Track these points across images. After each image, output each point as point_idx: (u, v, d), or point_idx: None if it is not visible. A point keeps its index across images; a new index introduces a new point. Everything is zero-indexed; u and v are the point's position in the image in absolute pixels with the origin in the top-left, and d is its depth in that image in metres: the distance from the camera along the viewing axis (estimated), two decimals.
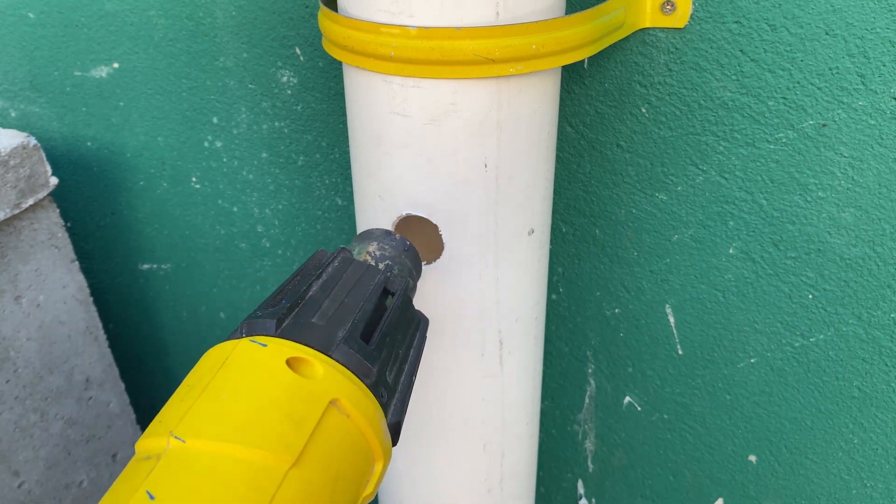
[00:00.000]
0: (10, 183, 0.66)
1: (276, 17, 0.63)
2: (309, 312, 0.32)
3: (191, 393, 0.28)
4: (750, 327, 0.58)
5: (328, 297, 0.33)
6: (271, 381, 0.28)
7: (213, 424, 0.26)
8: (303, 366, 0.29)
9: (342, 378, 0.30)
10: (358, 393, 0.30)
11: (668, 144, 0.54)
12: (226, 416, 0.26)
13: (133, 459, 0.26)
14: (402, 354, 0.35)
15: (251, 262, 0.80)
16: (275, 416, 0.27)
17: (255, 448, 0.25)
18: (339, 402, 0.29)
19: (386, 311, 0.35)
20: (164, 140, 0.75)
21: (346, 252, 0.37)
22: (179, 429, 0.26)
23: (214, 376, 0.28)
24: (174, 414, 0.27)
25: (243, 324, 0.31)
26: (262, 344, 0.29)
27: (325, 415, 0.28)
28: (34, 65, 0.76)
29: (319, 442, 0.27)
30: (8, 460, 0.71)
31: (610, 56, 0.53)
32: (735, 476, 0.65)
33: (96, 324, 0.81)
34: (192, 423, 0.26)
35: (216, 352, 0.30)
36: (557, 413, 0.74)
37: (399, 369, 0.34)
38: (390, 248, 0.39)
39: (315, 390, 0.28)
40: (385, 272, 0.36)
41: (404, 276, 0.38)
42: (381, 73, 0.40)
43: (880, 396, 0.54)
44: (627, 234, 0.59)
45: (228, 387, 0.28)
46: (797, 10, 0.45)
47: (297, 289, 0.33)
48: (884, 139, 0.46)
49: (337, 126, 0.67)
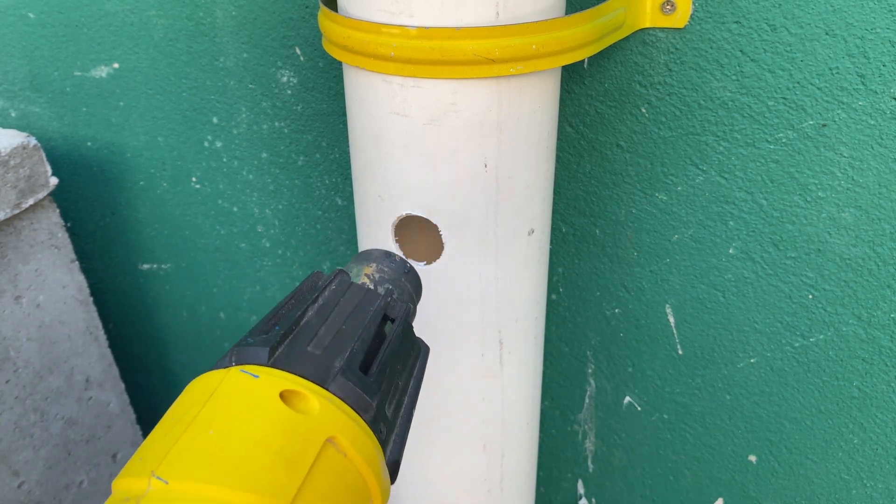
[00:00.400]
0: (10, 183, 0.66)
1: (276, 17, 0.63)
2: (304, 340, 0.30)
3: (175, 428, 0.25)
4: (750, 327, 0.58)
5: (325, 324, 0.31)
6: (263, 417, 0.26)
7: (198, 464, 0.24)
8: (297, 399, 0.27)
9: (340, 414, 0.27)
10: (356, 430, 0.28)
11: (668, 144, 0.54)
12: (213, 454, 0.24)
13: (110, 500, 0.24)
14: (402, 386, 0.33)
15: (251, 262, 0.80)
16: (267, 456, 0.25)
17: (246, 491, 0.23)
18: (336, 440, 0.27)
19: (386, 339, 0.33)
20: (164, 140, 0.75)
21: (343, 274, 0.35)
22: (162, 468, 0.24)
23: (201, 410, 0.26)
24: (156, 451, 0.25)
25: (233, 351, 0.29)
26: (253, 375, 0.27)
27: (321, 454, 0.26)
28: (34, 65, 0.76)
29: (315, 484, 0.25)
30: (8, 460, 0.71)
31: (610, 56, 0.53)
32: (735, 476, 0.65)
33: (96, 324, 0.81)
34: (176, 463, 0.24)
35: (203, 382, 0.28)
36: (557, 413, 0.74)
37: (399, 402, 0.32)
38: (390, 270, 0.37)
39: (311, 427, 0.26)
40: (385, 297, 0.34)
41: (405, 301, 0.36)
42: (381, 73, 0.40)
43: (880, 396, 0.54)
44: (627, 234, 0.59)
45: (216, 422, 0.25)
46: (797, 10, 0.45)
47: (292, 314, 0.31)
48: (884, 139, 0.46)
49: (337, 126, 0.67)
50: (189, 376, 0.96)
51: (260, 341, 0.29)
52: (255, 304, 0.84)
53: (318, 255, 0.76)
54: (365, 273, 0.37)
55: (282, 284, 0.81)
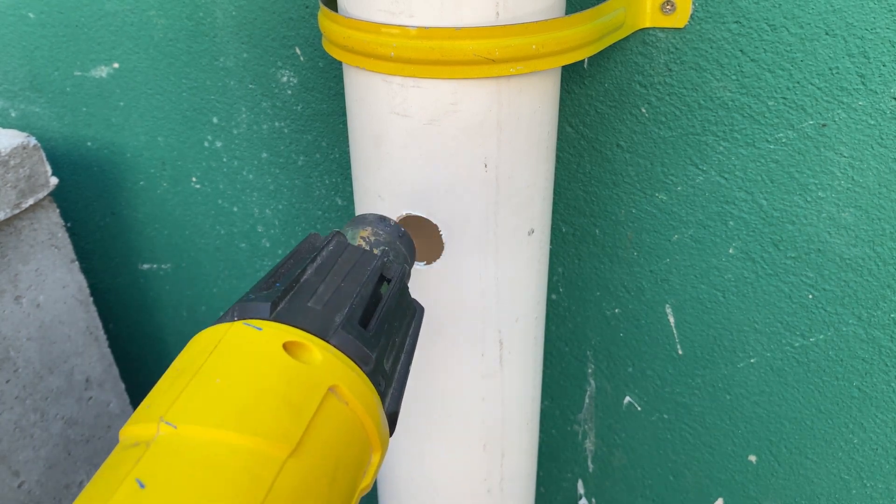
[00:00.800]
0: (10, 183, 0.66)
1: (276, 17, 0.63)
2: (304, 296, 0.31)
3: (181, 377, 0.26)
4: (750, 327, 0.58)
5: (323, 282, 0.32)
6: (268, 366, 0.27)
7: (206, 409, 0.24)
8: (300, 350, 0.28)
9: (341, 364, 0.28)
10: (357, 380, 0.29)
11: (668, 144, 0.54)
12: (220, 401, 0.25)
13: (118, 447, 0.24)
14: (399, 342, 0.34)
15: (251, 262, 0.80)
16: (272, 403, 0.25)
17: (253, 435, 0.24)
18: (337, 389, 0.28)
19: (382, 298, 0.34)
20: (164, 140, 0.75)
21: (340, 236, 0.36)
22: (170, 414, 0.24)
23: (206, 360, 0.26)
24: (164, 399, 0.25)
25: (235, 306, 0.29)
26: (256, 327, 0.28)
27: (323, 402, 0.27)
28: (34, 65, 0.76)
29: (318, 430, 0.26)
30: (8, 460, 0.71)
31: (610, 56, 0.53)
32: (735, 476, 0.65)
33: (96, 324, 0.81)
34: (185, 408, 0.24)
35: (207, 335, 0.28)
36: (557, 413, 0.74)
37: (396, 358, 0.33)
38: (385, 233, 0.38)
39: (313, 376, 0.27)
40: (381, 258, 0.35)
41: (400, 263, 0.37)
42: (380, 73, 0.40)
43: (880, 396, 0.54)
44: (627, 234, 0.59)
45: (222, 371, 0.26)
46: (797, 10, 0.45)
47: (291, 272, 0.32)
48: (884, 139, 0.46)
49: (337, 126, 0.67)
50: None
51: (262, 297, 0.30)
52: None
53: None
54: (361, 236, 0.38)
55: None
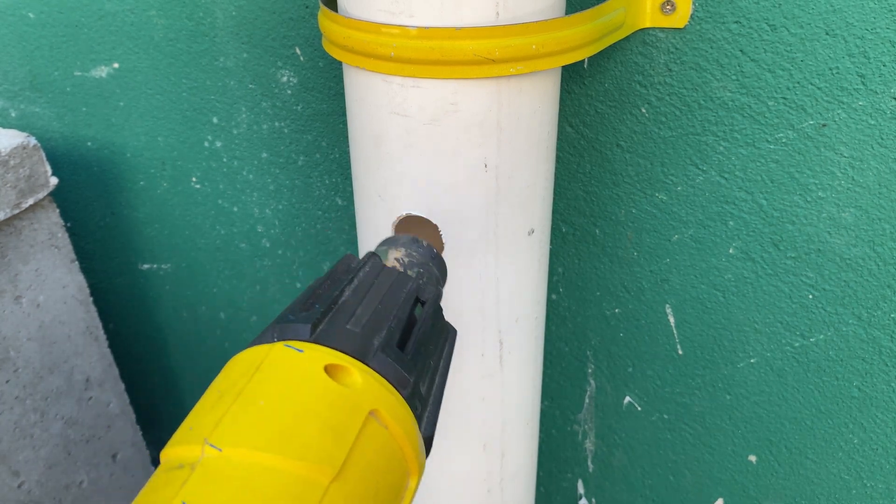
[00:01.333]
0: (10, 183, 0.66)
1: (276, 17, 0.63)
2: (343, 318, 0.31)
3: (223, 398, 0.26)
4: (750, 327, 0.58)
5: (361, 304, 0.32)
6: (310, 389, 0.27)
7: (251, 432, 0.24)
8: (341, 373, 0.28)
9: (381, 388, 0.28)
10: (395, 404, 0.29)
11: (668, 144, 0.54)
12: (264, 423, 0.25)
13: (161, 468, 0.25)
14: (434, 365, 0.34)
15: (251, 262, 0.80)
16: (315, 426, 0.25)
17: (297, 459, 0.24)
18: (378, 413, 0.28)
19: (418, 321, 0.34)
20: (164, 140, 0.75)
21: (375, 258, 0.36)
22: (215, 436, 0.24)
23: (249, 381, 0.26)
24: (207, 420, 0.25)
25: (274, 327, 0.30)
26: (297, 349, 0.28)
27: (364, 426, 0.27)
28: (34, 65, 0.76)
29: (360, 454, 0.26)
30: (8, 460, 0.71)
31: (610, 56, 0.53)
32: (735, 476, 0.65)
33: (96, 324, 0.81)
34: (229, 431, 0.24)
35: (248, 356, 0.28)
36: (557, 413, 0.74)
37: (431, 380, 0.33)
38: (418, 255, 0.38)
39: (355, 399, 0.27)
40: (416, 279, 0.35)
41: (434, 285, 0.37)
42: (380, 73, 0.40)
43: (880, 396, 0.54)
44: (627, 234, 0.59)
45: (265, 393, 0.26)
46: (797, 10, 0.45)
47: (329, 293, 0.32)
48: (884, 139, 0.46)
49: (337, 126, 0.67)
50: (189, 376, 0.96)
51: (302, 318, 0.30)
52: (255, 304, 0.84)
53: (319, 255, 0.76)
54: (395, 257, 0.38)
55: (282, 284, 0.81)
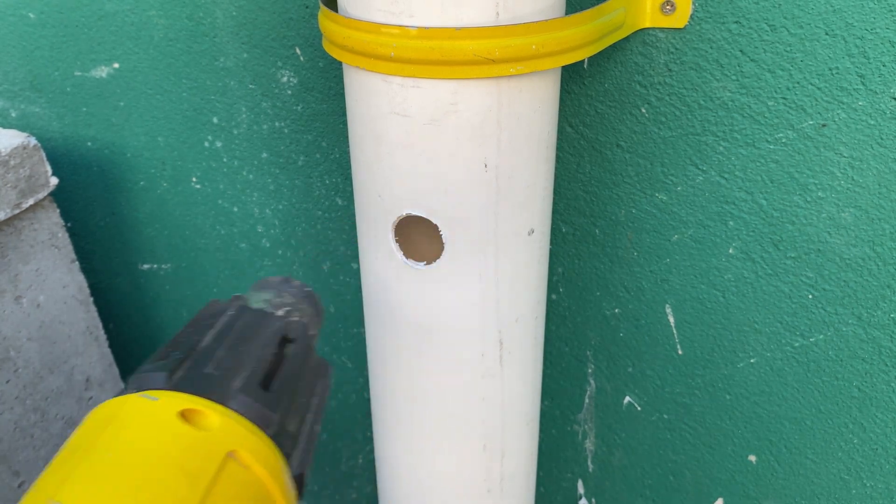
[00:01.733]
0: (11, 183, 0.66)
1: (276, 17, 0.63)
2: (202, 363, 0.30)
3: (74, 454, 0.25)
4: (750, 327, 0.58)
5: (222, 346, 0.32)
6: (163, 435, 0.26)
7: (98, 487, 0.24)
8: (197, 417, 0.28)
9: (240, 428, 0.28)
10: (258, 443, 0.28)
11: (668, 144, 0.54)
12: (113, 476, 0.24)
13: None
14: (305, 403, 0.34)
15: (251, 262, 0.80)
16: (168, 472, 0.25)
17: None
18: (237, 454, 0.27)
19: (285, 359, 0.33)
20: (164, 140, 0.75)
21: (240, 299, 0.36)
22: (61, 494, 0.23)
23: (100, 434, 0.26)
24: (55, 479, 0.24)
25: (132, 379, 0.29)
26: (152, 398, 0.28)
27: (222, 467, 0.26)
28: (34, 65, 0.76)
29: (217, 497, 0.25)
30: (8, 460, 0.71)
31: (610, 56, 0.53)
32: (735, 476, 0.65)
33: (96, 324, 0.81)
34: (75, 488, 0.24)
35: (102, 409, 0.28)
36: (557, 413, 0.74)
37: (301, 418, 0.33)
38: (289, 294, 0.38)
39: (211, 442, 0.27)
40: (283, 318, 0.35)
41: (304, 323, 0.37)
42: (380, 73, 0.40)
43: (880, 396, 0.54)
44: (627, 234, 0.59)
45: (116, 444, 0.26)
46: (797, 10, 0.45)
47: (189, 340, 0.32)
48: (884, 139, 0.46)
49: (337, 126, 0.67)
50: None
51: (158, 367, 0.30)
52: None
53: (318, 255, 0.76)
54: (263, 299, 0.37)
55: None
